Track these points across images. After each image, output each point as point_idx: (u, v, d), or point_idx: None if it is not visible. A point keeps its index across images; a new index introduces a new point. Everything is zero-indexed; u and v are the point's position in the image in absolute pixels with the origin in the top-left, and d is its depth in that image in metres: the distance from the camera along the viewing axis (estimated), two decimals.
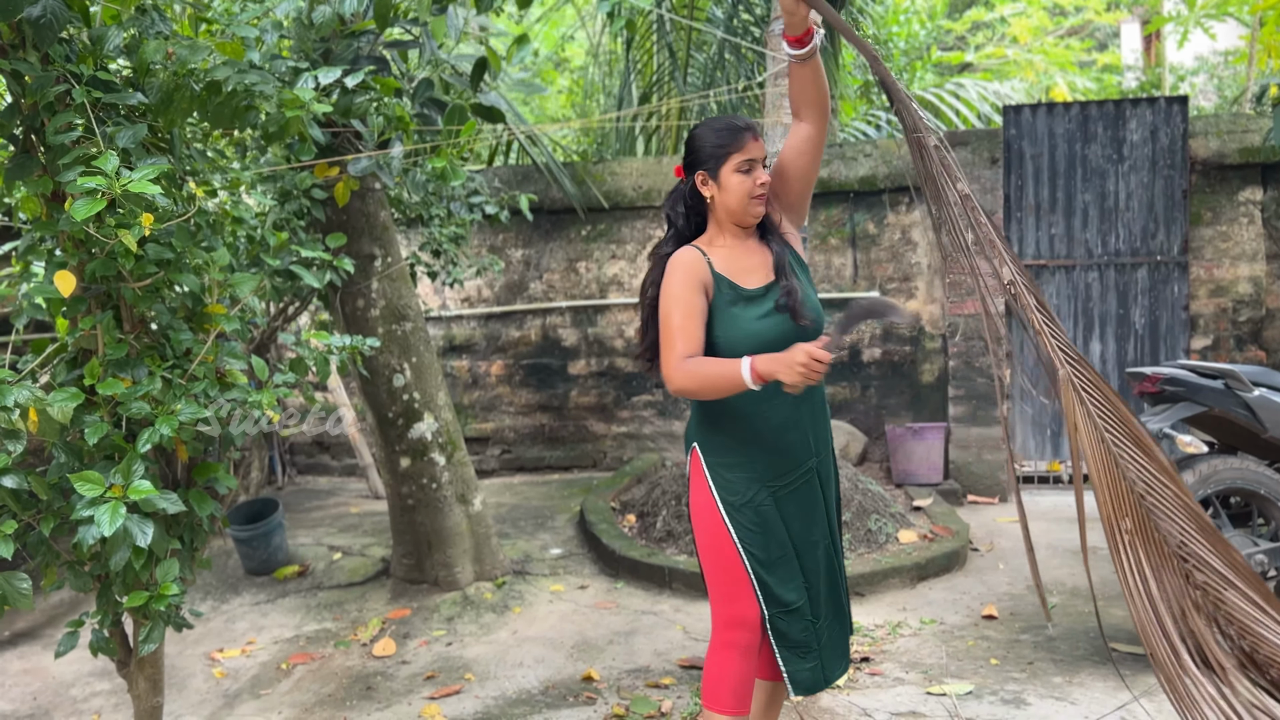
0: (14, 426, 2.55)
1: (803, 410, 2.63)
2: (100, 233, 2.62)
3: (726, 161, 2.56)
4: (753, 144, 2.56)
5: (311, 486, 7.67)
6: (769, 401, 2.57)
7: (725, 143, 2.57)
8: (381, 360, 4.82)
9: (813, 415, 2.67)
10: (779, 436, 2.61)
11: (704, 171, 2.60)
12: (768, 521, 2.61)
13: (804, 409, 2.63)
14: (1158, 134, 6.66)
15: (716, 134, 2.59)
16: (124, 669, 3.10)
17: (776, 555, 2.61)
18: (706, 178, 2.60)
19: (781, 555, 2.62)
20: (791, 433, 2.62)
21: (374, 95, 3.65)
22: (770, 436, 2.61)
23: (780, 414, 2.60)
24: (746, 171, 2.56)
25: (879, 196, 7.16)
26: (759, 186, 2.57)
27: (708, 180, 2.60)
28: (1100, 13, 13.97)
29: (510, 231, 7.68)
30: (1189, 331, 6.73)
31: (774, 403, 2.58)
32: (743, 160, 2.55)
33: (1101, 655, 3.98)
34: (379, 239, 4.80)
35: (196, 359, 2.89)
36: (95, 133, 2.68)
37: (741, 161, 2.55)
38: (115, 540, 2.60)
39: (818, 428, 2.69)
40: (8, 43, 2.72)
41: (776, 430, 2.61)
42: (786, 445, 2.62)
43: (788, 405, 2.59)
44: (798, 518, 2.65)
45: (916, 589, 4.93)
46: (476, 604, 4.88)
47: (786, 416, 2.61)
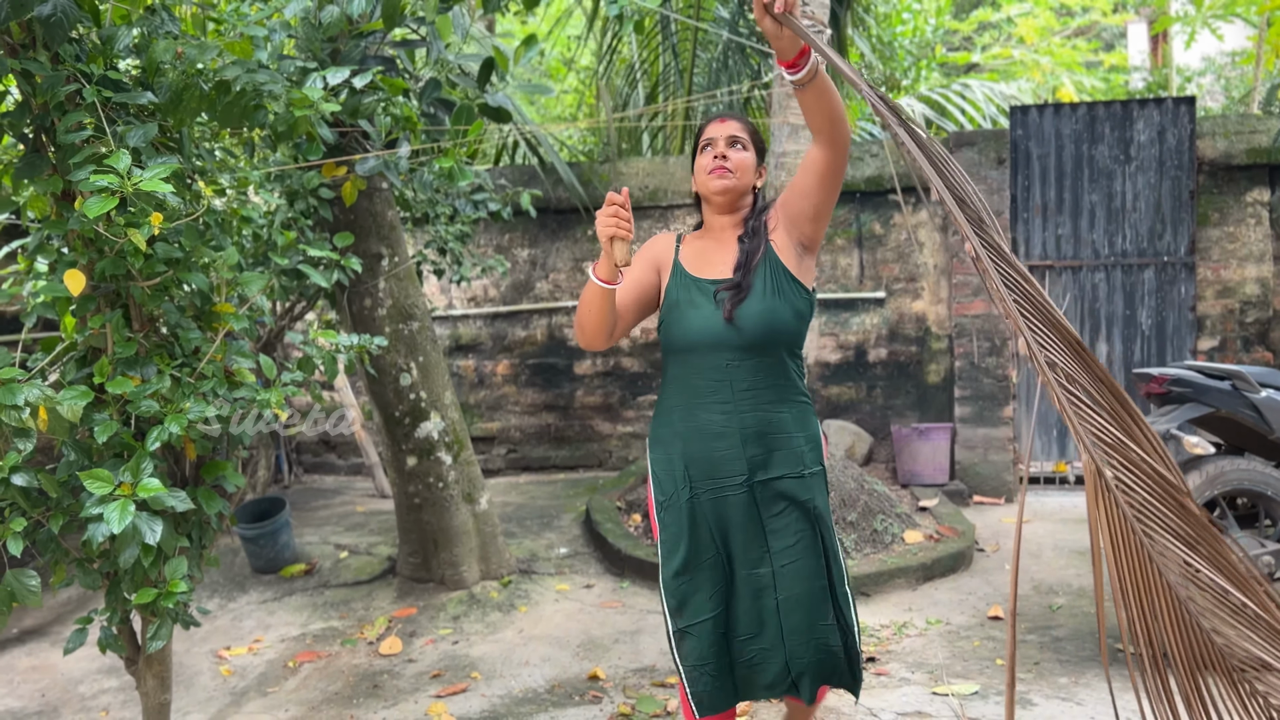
0: (24, 425, 2.56)
1: (735, 423, 2.49)
2: (110, 232, 2.64)
3: (699, 147, 2.64)
4: (716, 125, 2.61)
5: (318, 485, 7.69)
6: (699, 399, 2.53)
7: (701, 128, 2.66)
8: (388, 359, 4.83)
9: (754, 437, 2.50)
10: (706, 441, 2.52)
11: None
12: (684, 523, 2.53)
13: (737, 422, 2.49)
14: (1165, 134, 6.65)
15: (699, 130, 2.67)
16: (132, 666, 3.12)
17: (687, 560, 2.53)
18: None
19: (694, 561, 2.53)
20: (719, 442, 2.51)
21: (382, 95, 3.67)
22: (697, 438, 2.53)
23: (708, 416, 2.51)
24: (705, 149, 2.60)
25: (885, 196, 7.16)
26: (713, 159, 2.57)
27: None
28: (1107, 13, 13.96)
29: (516, 231, 7.69)
30: (1196, 332, 6.72)
31: (704, 402, 2.52)
32: (703, 141, 2.61)
33: (1109, 655, 3.98)
34: (386, 238, 4.81)
35: (205, 358, 2.91)
36: (105, 132, 2.70)
37: (703, 143, 2.62)
38: (124, 538, 2.61)
39: (761, 452, 2.51)
40: (18, 42, 2.74)
41: (703, 433, 2.52)
42: (712, 453, 2.51)
43: (718, 409, 2.50)
44: (724, 529, 2.53)
45: (922, 589, 4.93)
46: (483, 603, 4.89)
47: (715, 422, 2.51)
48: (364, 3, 3.68)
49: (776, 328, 2.49)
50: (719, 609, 2.53)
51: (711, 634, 2.53)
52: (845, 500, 5.45)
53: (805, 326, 2.59)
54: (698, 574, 2.54)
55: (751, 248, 2.55)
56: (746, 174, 2.60)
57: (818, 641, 2.51)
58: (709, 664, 2.53)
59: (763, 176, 2.69)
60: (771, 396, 2.52)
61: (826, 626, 2.51)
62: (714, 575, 2.54)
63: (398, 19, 3.88)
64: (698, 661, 2.53)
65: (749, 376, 2.50)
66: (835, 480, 5.51)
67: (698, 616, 2.53)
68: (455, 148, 3.94)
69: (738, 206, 2.64)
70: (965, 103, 10.20)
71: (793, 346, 2.56)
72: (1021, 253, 6.84)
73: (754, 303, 2.48)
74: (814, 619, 2.50)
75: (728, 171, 2.56)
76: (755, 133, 2.65)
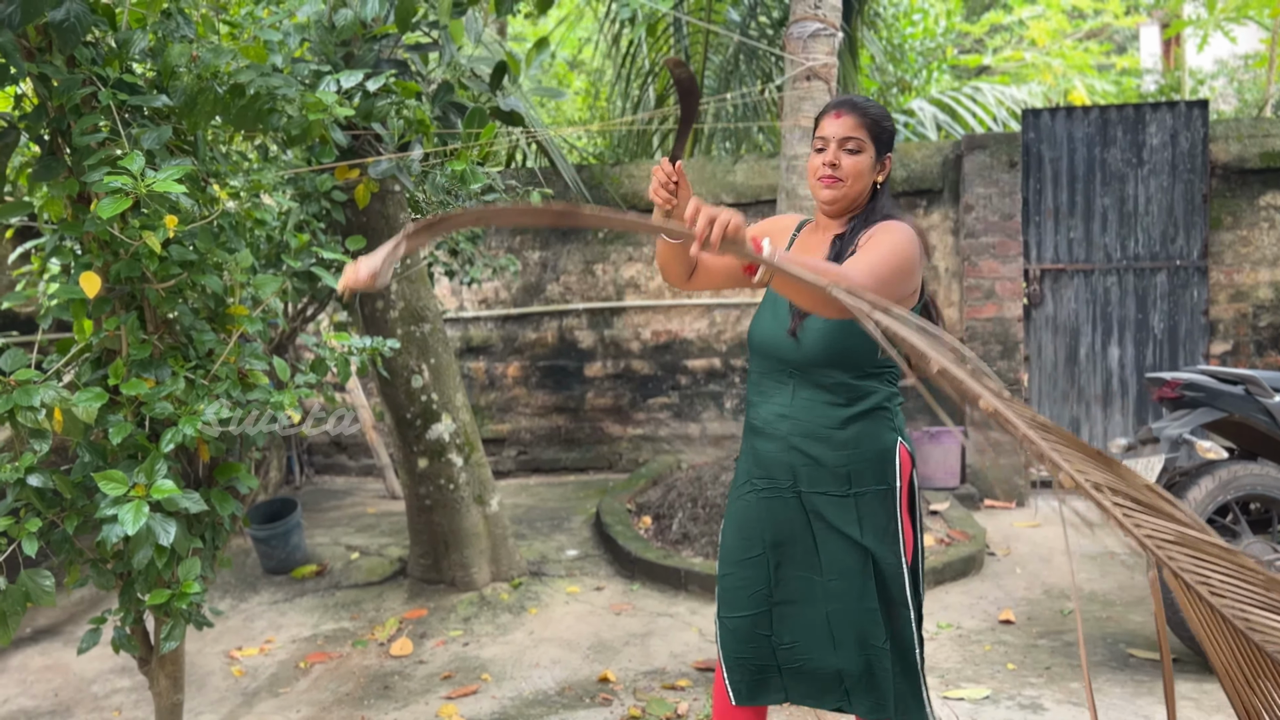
0: (40, 426, 2.58)
1: (785, 427, 2.45)
2: (125, 234, 2.66)
3: (814, 136, 2.46)
4: (830, 121, 2.40)
5: (329, 486, 7.71)
6: (765, 397, 2.51)
7: (818, 118, 2.46)
8: (400, 361, 4.84)
9: (802, 446, 2.43)
10: (761, 437, 2.51)
11: None
12: (740, 515, 2.54)
13: (787, 426, 2.45)
14: (1178, 138, 6.63)
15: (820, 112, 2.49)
16: (145, 666, 3.13)
17: (739, 556, 2.51)
18: None
19: (744, 558, 2.51)
20: (768, 442, 2.48)
21: (395, 98, 3.68)
22: (754, 434, 2.53)
23: (764, 412, 2.50)
24: (819, 150, 2.42)
25: (896, 200, 7.15)
26: (825, 166, 2.40)
27: None
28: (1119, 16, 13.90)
29: (527, 233, 7.70)
30: (1208, 337, 6.69)
31: (768, 400, 2.50)
32: (818, 136, 2.43)
33: (1120, 661, 3.97)
34: None
35: (219, 360, 2.92)
36: (121, 135, 2.72)
37: (817, 138, 2.43)
38: (138, 539, 2.63)
39: (806, 463, 2.43)
40: (34, 46, 2.76)
41: (760, 429, 2.51)
42: (764, 450, 2.49)
43: (775, 410, 2.47)
44: (772, 529, 2.48)
45: (933, 593, 4.92)
46: (493, 604, 4.89)
47: (766, 419, 2.49)
48: (378, 6, 3.69)
49: (844, 347, 2.36)
50: (759, 609, 2.49)
51: (749, 632, 2.49)
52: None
53: (869, 346, 2.35)
54: (741, 569, 2.52)
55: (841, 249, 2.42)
56: (860, 179, 2.41)
57: (869, 659, 2.41)
58: (746, 659, 2.51)
59: (886, 169, 2.47)
60: (830, 409, 2.42)
61: (878, 649, 2.40)
62: (757, 574, 2.49)
63: (411, 22, 3.89)
64: (735, 653, 2.52)
65: (809, 387, 2.43)
66: None
67: (736, 611, 2.51)
68: (467, 150, 3.95)
69: (850, 210, 2.48)
70: (976, 106, 10.18)
71: (865, 365, 2.40)
72: (1033, 256, 6.82)
73: (820, 319, 2.35)
74: (864, 637, 2.41)
75: (837, 181, 2.40)
76: (876, 123, 2.41)
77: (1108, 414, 6.83)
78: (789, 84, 5.11)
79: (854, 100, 2.41)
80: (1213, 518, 4.00)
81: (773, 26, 8.23)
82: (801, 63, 5.02)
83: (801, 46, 5.04)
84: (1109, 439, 6.73)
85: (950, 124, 10.04)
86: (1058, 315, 6.84)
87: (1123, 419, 6.82)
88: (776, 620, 2.49)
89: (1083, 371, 6.85)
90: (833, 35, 5.06)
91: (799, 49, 5.05)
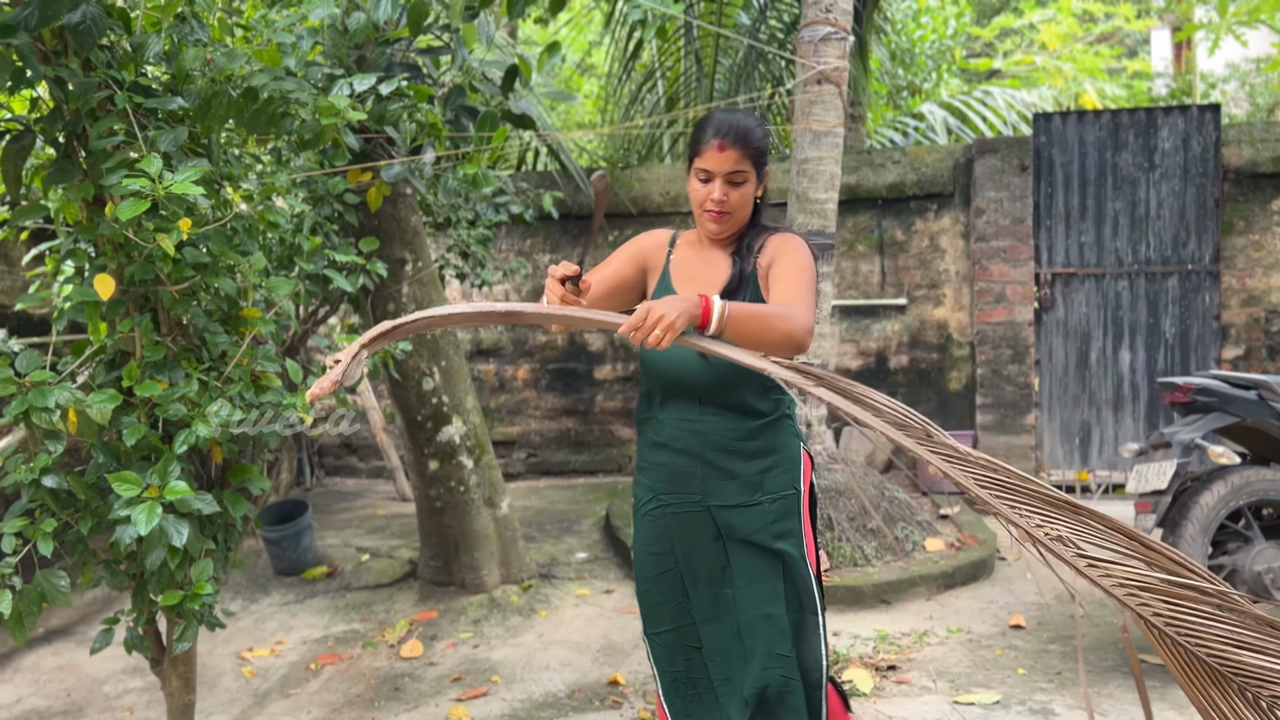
0: (54, 427, 2.60)
1: (694, 443, 2.45)
2: (139, 236, 2.67)
3: (691, 165, 2.42)
4: (713, 154, 2.35)
5: (339, 488, 7.73)
6: (662, 409, 2.50)
7: (694, 142, 2.41)
8: (411, 364, 4.85)
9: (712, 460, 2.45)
10: (667, 451, 2.49)
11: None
12: (649, 533, 2.53)
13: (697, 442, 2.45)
14: (1190, 142, 6.61)
15: (697, 128, 2.42)
16: (157, 667, 3.15)
17: (653, 572, 2.52)
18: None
19: (658, 573, 2.52)
20: (677, 457, 2.48)
21: (407, 102, 3.69)
22: (659, 449, 2.51)
23: (670, 428, 2.48)
24: (703, 181, 2.39)
25: (907, 204, 7.14)
26: (712, 202, 2.39)
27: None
28: (1130, 20, 13.87)
29: (538, 236, 7.71)
30: (1220, 341, 6.67)
31: (666, 411, 2.49)
32: (700, 168, 2.39)
33: (1127, 669, 3.95)
34: (409, 243, 4.84)
35: (232, 362, 2.93)
36: (137, 137, 2.73)
37: (699, 169, 2.39)
38: (151, 540, 2.64)
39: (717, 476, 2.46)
40: (51, 49, 2.77)
41: (666, 445, 2.49)
42: (672, 465, 2.48)
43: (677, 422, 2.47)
44: (682, 543, 2.50)
45: (943, 597, 4.91)
46: (503, 607, 4.90)
47: (674, 434, 2.47)
48: (390, 9, 3.70)
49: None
50: (681, 623, 2.51)
51: (678, 644, 2.52)
52: (866, 508, 5.44)
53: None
54: (657, 585, 2.53)
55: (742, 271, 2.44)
56: (746, 207, 2.45)
57: (769, 670, 2.40)
58: (680, 673, 2.52)
59: (764, 185, 2.49)
60: (739, 422, 2.45)
61: (781, 658, 2.40)
62: (674, 588, 2.52)
63: (423, 26, 3.90)
64: (669, 669, 2.54)
65: (716, 404, 2.44)
66: (856, 487, 5.50)
67: (658, 627, 2.54)
68: (479, 154, 3.96)
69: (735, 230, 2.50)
70: (987, 109, 10.17)
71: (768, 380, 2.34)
72: (1044, 260, 6.81)
73: None
74: (770, 646, 2.41)
75: (725, 215, 2.42)
76: (758, 151, 2.40)
77: (1119, 418, 6.81)
78: (800, 88, 5.12)
79: (735, 128, 2.35)
80: (1225, 523, 3.99)
81: (783, 30, 8.23)
82: (813, 66, 5.02)
83: (813, 50, 5.04)
84: (1120, 443, 6.71)
85: (960, 128, 10.03)
86: (1069, 319, 6.83)
87: (1134, 424, 6.80)
88: (704, 636, 2.51)
89: (1093, 376, 6.83)
90: (844, 39, 5.06)
91: (810, 53, 5.05)
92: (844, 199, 6.46)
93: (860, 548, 5.15)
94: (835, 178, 5.17)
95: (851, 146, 7.65)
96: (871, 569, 5.04)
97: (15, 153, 2.93)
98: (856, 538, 5.20)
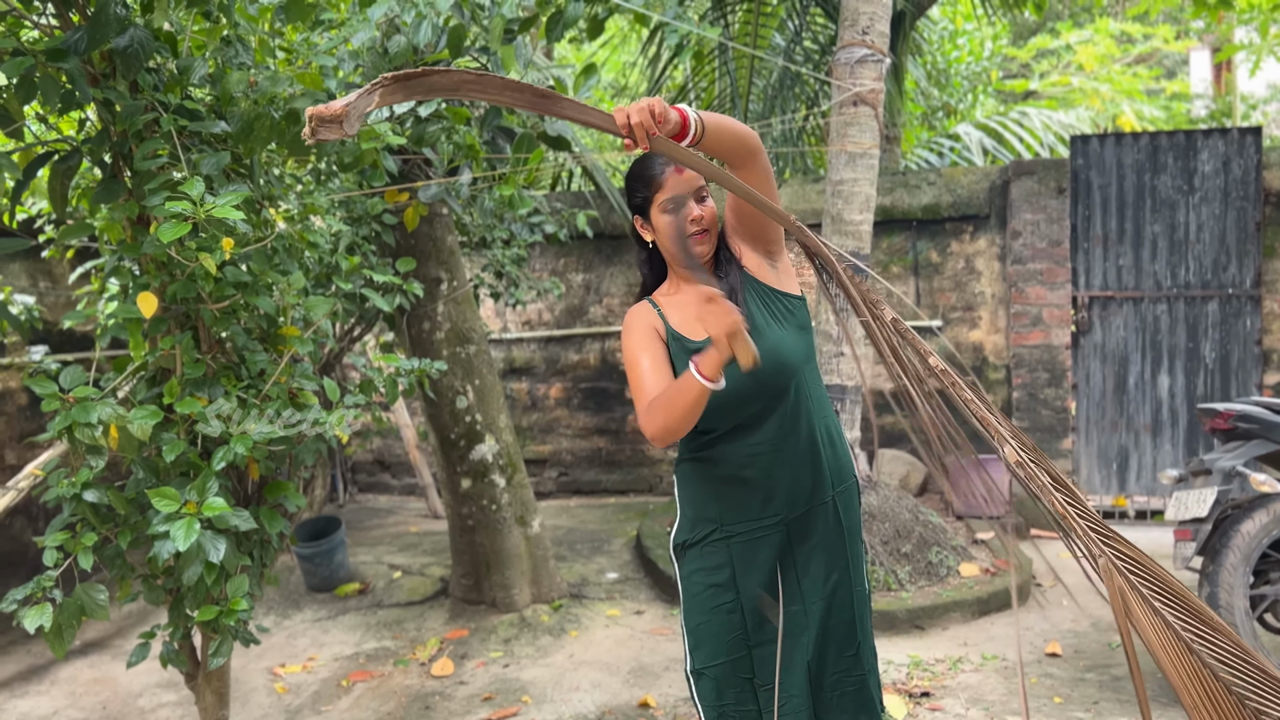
0: (96, 442, 2.64)
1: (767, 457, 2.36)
2: (182, 255, 2.71)
3: (653, 204, 2.33)
4: (674, 179, 2.29)
5: (372, 505, 7.77)
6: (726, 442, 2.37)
7: (647, 185, 2.33)
8: (445, 382, 4.88)
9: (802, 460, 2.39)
10: (736, 484, 2.39)
11: (638, 217, 2.39)
12: (709, 563, 2.43)
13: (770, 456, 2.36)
14: (1230, 165, 6.54)
15: (638, 178, 2.36)
16: (192, 681, 3.17)
17: (711, 604, 2.41)
18: (643, 223, 2.39)
19: (717, 604, 2.40)
20: (746, 487, 2.39)
21: (446, 124, 3.73)
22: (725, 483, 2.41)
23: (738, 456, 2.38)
24: (673, 210, 2.30)
25: (942, 225, 7.11)
26: (692, 223, 2.30)
27: (645, 225, 2.38)
28: (1169, 40, 13.76)
29: (571, 256, 7.75)
30: (1262, 367, 6.57)
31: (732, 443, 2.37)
32: (665, 200, 2.30)
33: (1170, 697, 3.88)
34: (445, 263, 4.87)
35: (270, 379, 2.96)
36: (180, 159, 2.78)
37: (665, 201, 2.30)
38: (189, 555, 2.67)
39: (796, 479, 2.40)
40: (100, 71, 2.83)
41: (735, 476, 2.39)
42: (741, 495, 2.39)
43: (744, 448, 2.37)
44: (749, 573, 2.40)
45: (978, 623, 4.85)
46: (533, 626, 4.90)
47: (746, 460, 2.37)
48: (430, 33, 3.74)
49: (781, 354, 2.31)
50: (739, 654, 2.42)
51: (730, 677, 2.43)
52: (900, 531, 5.40)
53: (812, 336, 2.43)
54: (715, 616, 2.42)
55: (732, 283, 2.35)
56: (717, 221, 2.38)
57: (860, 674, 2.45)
58: (728, 707, 2.43)
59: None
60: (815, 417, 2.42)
61: (854, 657, 2.45)
62: (733, 620, 2.41)
63: (462, 48, 3.94)
64: (717, 705, 2.44)
65: (788, 404, 2.37)
66: (890, 511, 5.46)
67: (713, 660, 2.42)
68: (515, 175, 3.99)
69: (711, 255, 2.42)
70: (1023, 130, 10.12)
71: (809, 363, 2.41)
72: (1082, 283, 6.75)
73: (773, 334, 2.32)
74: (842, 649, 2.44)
75: (706, 233, 2.33)
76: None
77: (1157, 444, 6.72)
78: (835, 109, 5.12)
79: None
80: (1267, 552, 3.92)
81: (818, 51, 8.24)
82: (849, 88, 5.03)
83: (849, 72, 5.04)
84: (1158, 469, 6.62)
85: (997, 149, 9.98)
86: (1106, 343, 6.76)
87: (1172, 449, 6.70)
88: (757, 663, 2.41)
89: (1131, 400, 6.75)
90: (880, 61, 5.06)
91: (846, 74, 5.05)
92: (878, 220, 6.43)
93: (894, 571, 5.10)
94: (870, 199, 5.16)
95: (886, 167, 7.63)
96: (905, 594, 4.99)
97: (62, 172, 2.99)
98: (890, 561, 5.15)
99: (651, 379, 2.28)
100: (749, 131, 2.20)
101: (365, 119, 1.66)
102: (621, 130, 1.87)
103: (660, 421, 2.15)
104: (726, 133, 2.14)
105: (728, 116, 2.16)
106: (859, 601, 2.45)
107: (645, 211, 2.36)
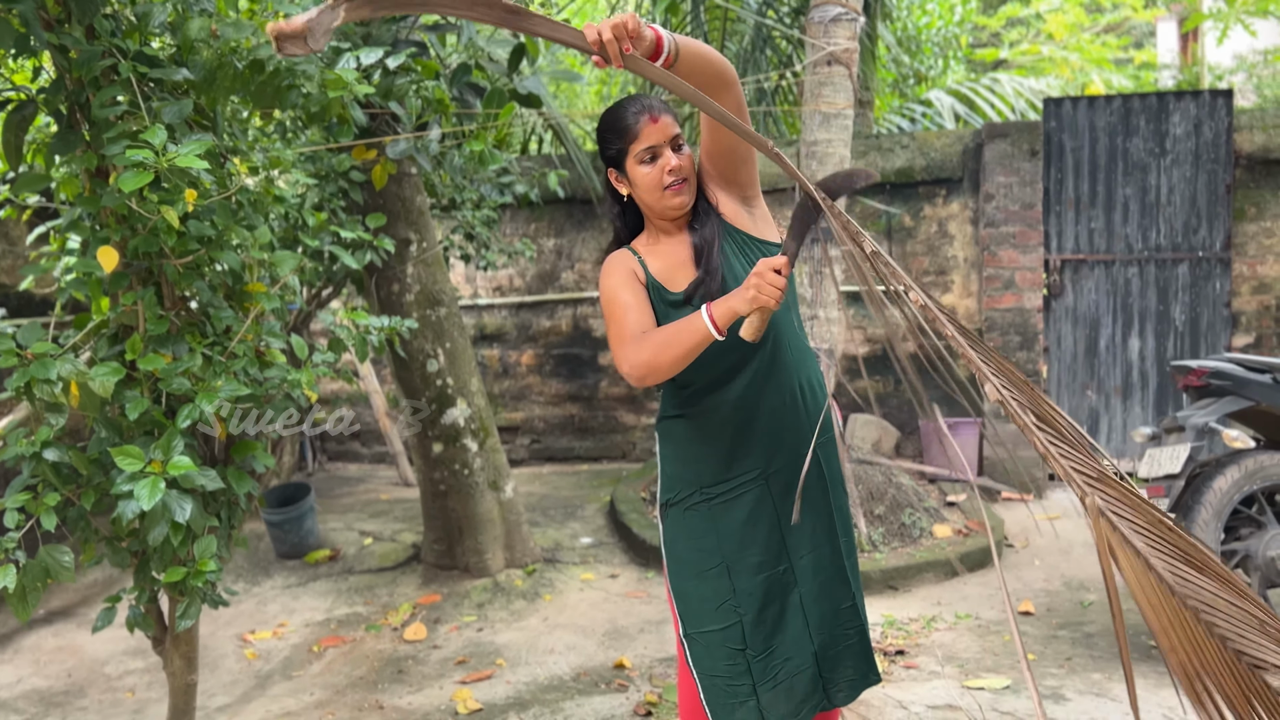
0: (57, 399, 2.56)
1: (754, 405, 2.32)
2: (143, 209, 2.62)
3: (629, 156, 2.26)
4: (650, 128, 2.22)
5: (341, 473, 7.69)
6: (709, 393, 2.32)
7: (621, 136, 2.26)
8: (415, 345, 4.81)
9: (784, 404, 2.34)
10: (717, 439, 2.34)
11: (613, 170, 2.32)
12: (691, 527, 2.39)
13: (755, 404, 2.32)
14: (1201, 128, 6.55)
15: (611, 129, 2.28)
16: (159, 646, 3.11)
17: (697, 569, 2.36)
18: (618, 175, 2.32)
19: (704, 569, 2.35)
20: (734, 435, 2.34)
21: (414, 77, 3.64)
22: (703, 440, 2.35)
23: (726, 404, 2.33)
24: (650, 160, 2.24)
25: (915, 188, 7.09)
26: (669, 174, 2.23)
27: (620, 178, 2.32)
28: (1137, 10, 13.79)
29: (543, 221, 7.66)
30: (1231, 329, 6.62)
31: (714, 393, 2.32)
32: (642, 149, 2.23)
33: (1142, 652, 3.92)
34: (414, 223, 4.79)
35: (236, 337, 2.89)
36: (140, 108, 2.68)
37: (641, 151, 2.23)
38: (154, 515, 2.60)
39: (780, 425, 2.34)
40: (54, 17, 2.73)
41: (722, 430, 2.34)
42: (728, 448, 2.33)
43: (729, 395, 2.31)
44: (736, 535, 2.35)
45: (951, 583, 4.87)
46: (507, 591, 4.87)
47: (735, 407, 2.32)
48: None
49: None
50: (729, 621, 2.37)
51: (720, 646, 2.36)
52: (873, 493, 5.41)
53: (793, 285, 2.38)
54: (700, 582, 2.39)
55: (705, 234, 2.30)
56: (694, 170, 2.31)
57: (857, 628, 2.42)
58: (719, 677, 2.37)
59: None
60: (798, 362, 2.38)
61: (849, 609, 2.41)
62: (720, 585, 2.37)
63: None
64: (709, 670, 2.38)
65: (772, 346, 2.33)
66: (862, 474, 5.46)
67: (703, 626, 2.38)
68: (485, 131, 3.91)
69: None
70: (995, 97, 10.10)
71: (789, 312, 2.36)
72: (1054, 246, 6.76)
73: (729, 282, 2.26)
74: (837, 603, 2.40)
75: (684, 183, 2.26)
76: (677, 116, 2.30)
77: (1127, 406, 6.77)
78: (809, 69, 5.06)
79: (649, 102, 2.25)
80: (1238, 508, 3.95)
81: (790, 15, 8.17)
82: (823, 47, 4.97)
83: (823, 31, 4.98)
84: (1129, 431, 6.67)
85: (969, 114, 9.97)
86: (1078, 306, 6.78)
87: (1142, 411, 6.76)
88: (749, 630, 2.34)
89: (1102, 363, 6.79)
90: (855, 20, 5.00)
91: (820, 33, 4.99)
92: None
93: (868, 534, 5.11)
94: (845, 160, 5.12)
95: (859, 132, 7.59)
96: (879, 555, 5.00)
97: (17, 123, 2.88)
98: (864, 524, 5.16)
99: (635, 316, 2.23)
100: (724, 60, 2.14)
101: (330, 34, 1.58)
102: (593, 46, 1.77)
103: (646, 357, 2.12)
104: (701, 59, 2.07)
105: (703, 43, 2.08)
106: (847, 552, 2.41)
107: (620, 164, 2.28)
